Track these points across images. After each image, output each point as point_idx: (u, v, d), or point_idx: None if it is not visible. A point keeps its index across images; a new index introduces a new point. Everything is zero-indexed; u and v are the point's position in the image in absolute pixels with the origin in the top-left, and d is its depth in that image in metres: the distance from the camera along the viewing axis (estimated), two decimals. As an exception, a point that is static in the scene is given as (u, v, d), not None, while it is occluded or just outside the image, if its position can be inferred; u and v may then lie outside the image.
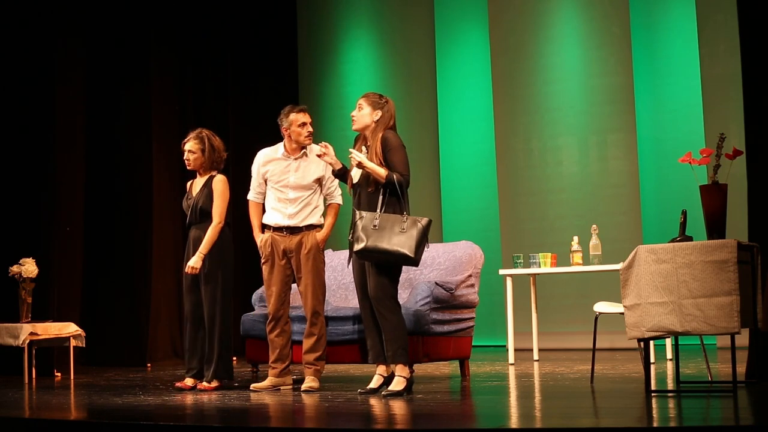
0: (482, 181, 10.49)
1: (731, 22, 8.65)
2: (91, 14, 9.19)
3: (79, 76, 9.07)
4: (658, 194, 9.61)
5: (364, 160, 5.63)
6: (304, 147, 6.23)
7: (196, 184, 6.49)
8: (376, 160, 5.65)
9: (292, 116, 6.20)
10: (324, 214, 6.30)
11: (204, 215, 6.36)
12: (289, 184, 6.19)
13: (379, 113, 5.76)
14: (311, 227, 6.21)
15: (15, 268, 7.78)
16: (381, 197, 5.62)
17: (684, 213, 5.42)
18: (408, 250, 5.52)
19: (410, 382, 5.63)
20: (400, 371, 5.60)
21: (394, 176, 5.59)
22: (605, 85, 9.88)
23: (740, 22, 6.01)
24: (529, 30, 10.28)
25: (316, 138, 6.33)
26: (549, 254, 7.95)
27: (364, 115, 5.78)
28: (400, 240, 5.53)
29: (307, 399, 5.55)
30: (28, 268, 7.77)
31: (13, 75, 8.58)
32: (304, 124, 6.20)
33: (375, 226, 5.53)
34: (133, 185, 9.15)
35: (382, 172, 5.60)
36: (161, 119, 9.44)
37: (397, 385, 5.57)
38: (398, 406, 5.05)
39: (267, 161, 6.27)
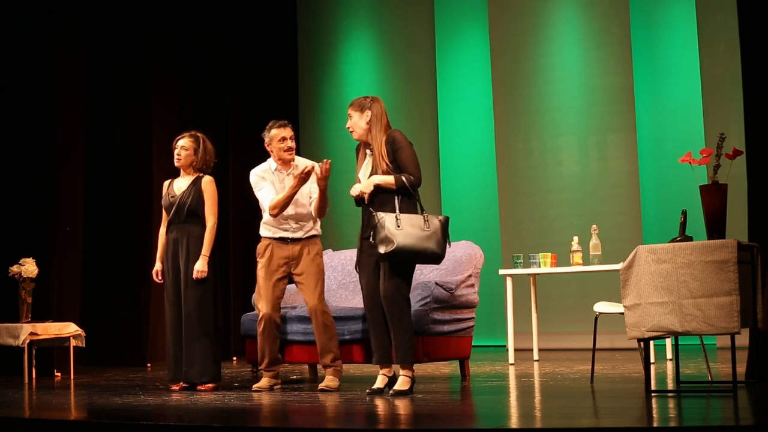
0: (482, 181, 10.49)
1: (731, 22, 8.65)
2: (91, 15, 9.19)
3: (80, 76, 9.07)
4: (658, 194, 9.61)
5: (371, 185, 5.62)
6: (288, 162, 6.23)
7: (178, 184, 6.48)
8: (383, 161, 5.64)
9: (273, 131, 6.20)
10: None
11: (191, 215, 6.35)
12: None
13: (368, 113, 5.72)
14: (313, 237, 6.25)
15: (15, 268, 7.78)
16: (397, 199, 5.60)
17: (684, 213, 5.42)
18: (437, 247, 5.55)
19: (413, 381, 5.65)
20: (407, 371, 5.62)
21: (404, 179, 5.58)
22: (605, 85, 9.88)
23: (740, 22, 6.00)
24: (529, 30, 10.28)
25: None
26: (549, 254, 7.95)
27: (356, 122, 5.75)
28: (427, 238, 5.53)
29: (307, 399, 5.55)
30: (28, 268, 7.77)
31: (14, 76, 8.58)
32: (283, 138, 6.18)
33: (399, 226, 5.51)
34: (133, 186, 9.15)
35: (392, 180, 5.60)
36: (161, 119, 9.44)
37: (404, 384, 5.59)
38: (399, 406, 5.05)
39: (263, 177, 6.25)
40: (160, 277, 6.45)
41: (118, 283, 9.04)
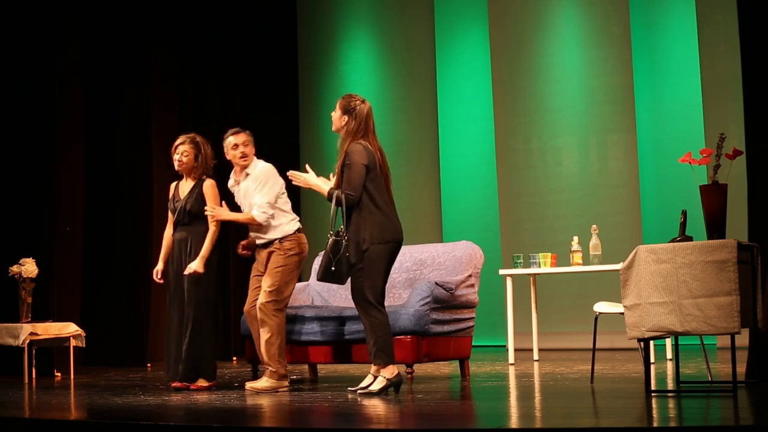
0: (482, 181, 10.49)
1: (731, 22, 8.65)
2: (91, 15, 9.19)
3: (79, 77, 9.07)
4: (658, 194, 9.61)
5: (307, 179, 5.71)
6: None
7: (183, 187, 6.52)
8: (337, 168, 5.67)
9: (226, 141, 6.35)
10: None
11: (192, 217, 6.38)
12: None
13: (345, 119, 5.71)
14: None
15: (15, 268, 7.78)
16: (332, 212, 5.66)
17: (684, 213, 5.42)
18: (321, 269, 5.61)
19: (392, 383, 5.60)
20: (382, 371, 5.61)
21: (335, 195, 5.60)
22: (605, 85, 9.88)
23: (740, 22, 6.00)
24: (529, 30, 10.29)
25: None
26: (549, 254, 7.95)
27: (336, 118, 5.78)
28: (321, 259, 5.64)
29: (306, 399, 5.55)
30: (28, 268, 7.77)
31: (14, 76, 8.58)
32: (236, 146, 6.30)
33: (327, 244, 5.62)
34: (133, 186, 9.15)
35: (324, 189, 5.65)
36: (161, 119, 9.44)
37: (375, 383, 5.59)
38: (399, 407, 5.05)
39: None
40: (159, 277, 6.47)
41: (118, 282, 9.04)
